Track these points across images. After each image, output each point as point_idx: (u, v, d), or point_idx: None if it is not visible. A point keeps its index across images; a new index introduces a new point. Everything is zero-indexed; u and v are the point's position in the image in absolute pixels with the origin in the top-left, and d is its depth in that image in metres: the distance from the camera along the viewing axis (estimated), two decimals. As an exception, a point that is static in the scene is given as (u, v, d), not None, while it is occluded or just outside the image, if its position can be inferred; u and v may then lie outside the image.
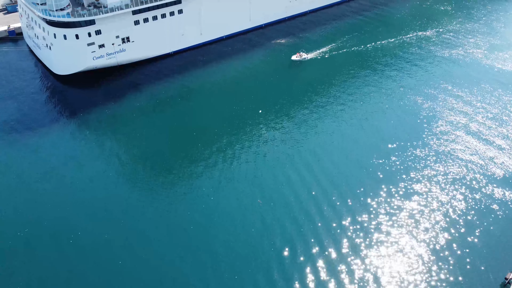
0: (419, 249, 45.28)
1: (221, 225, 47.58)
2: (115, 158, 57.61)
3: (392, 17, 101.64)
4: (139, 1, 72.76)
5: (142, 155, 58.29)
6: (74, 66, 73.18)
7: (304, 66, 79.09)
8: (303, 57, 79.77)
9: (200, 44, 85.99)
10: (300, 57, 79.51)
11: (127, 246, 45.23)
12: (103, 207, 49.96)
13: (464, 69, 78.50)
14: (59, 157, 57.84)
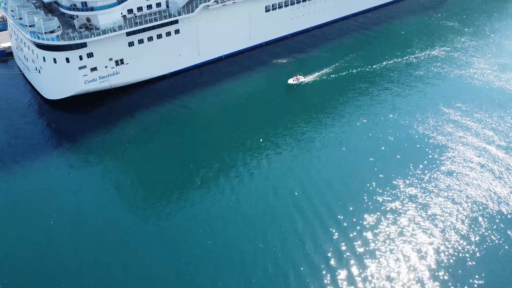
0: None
1: (216, 252, 46.06)
2: (108, 186, 55.01)
3: (397, 33, 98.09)
4: (134, 22, 69.13)
5: (136, 182, 55.70)
6: (65, 91, 69.46)
7: (301, 90, 74.80)
8: (300, 80, 75.58)
9: (198, 65, 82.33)
10: (297, 81, 75.34)
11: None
12: (95, 235, 48.13)
13: (474, 90, 74.75)
14: (48, 184, 55.23)
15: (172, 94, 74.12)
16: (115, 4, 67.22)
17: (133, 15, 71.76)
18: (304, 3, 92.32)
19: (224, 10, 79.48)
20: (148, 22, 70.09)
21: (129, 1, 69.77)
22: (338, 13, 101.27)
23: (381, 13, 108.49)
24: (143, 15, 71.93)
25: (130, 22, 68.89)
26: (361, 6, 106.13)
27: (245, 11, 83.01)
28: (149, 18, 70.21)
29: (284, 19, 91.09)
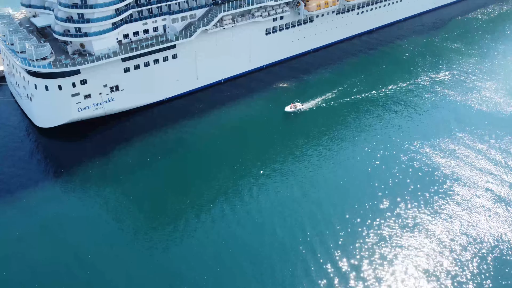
0: None
1: None
2: (103, 218, 52.45)
3: (401, 55, 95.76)
4: (129, 48, 66.59)
5: (132, 213, 52.88)
6: (57, 119, 66.56)
7: (299, 118, 71.30)
8: (298, 108, 72.10)
9: (196, 89, 79.67)
10: (294, 108, 71.85)
11: None
12: (90, 271, 45.25)
13: (482, 115, 71.90)
14: (41, 218, 52.28)
15: (169, 121, 71.20)
16: (110, 30, 64.78)
17: (129, 40, 69.37)
18: (305, 25, 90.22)
19: (224, 34, 77.18)
20: (145, 47, 67.54)
21: (124, 26, 67.46)
22: (340, 34, 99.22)
23: (384, 33, 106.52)
24: (139, 40, 69.50)
25: (126, 48, 66.30)
26: (364, 27, 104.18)
27: (245, 34, 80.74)
28: (146, 44, 67.69)
29: (285, 41, 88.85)
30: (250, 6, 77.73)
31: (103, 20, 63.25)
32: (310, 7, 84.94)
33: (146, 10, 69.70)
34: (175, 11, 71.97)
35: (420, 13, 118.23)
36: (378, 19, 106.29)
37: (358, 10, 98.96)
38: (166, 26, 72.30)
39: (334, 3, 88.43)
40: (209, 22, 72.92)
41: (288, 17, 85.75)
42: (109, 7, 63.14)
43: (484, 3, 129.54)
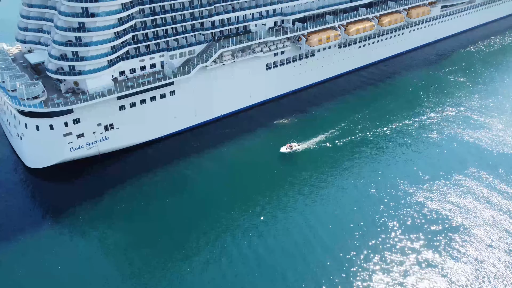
0: None
1: None
2: (94, 265, 49.59)
3: (404, 89, 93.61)
4: (125, 86, 64.27)
5: (123, 262, 49.88)
6: (48, 159, 63.64)
7: (295, 160, 67.82)
8: (294, 148, 68.59)
9: (194, 126, 77.04)
10: (290, 149, 68.34)
11: None
12: None
13: (490, 155, 68.87)
14: (28, 262, 49.62)
15: (165, 160, 68.24)
16: (105, 68, 62.67)
17: (125, 77, 67.18)
18: (306, 59, 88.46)
19: (223, 70, 75.11)
20: (141, 85, 65.23)
21: (121, 63, 65.42)
22: (342, 68, 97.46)
23: (387, 66, 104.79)
24: (135, 77, 67.28)
25: (121, 86, 63.96)
26: (366, 60, 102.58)
27: (245, 70, 78.72)
28: (142, 81, 65.43)
29: (286, 76, 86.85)
30: (250, 41, 76.03)
31: (98, 58, 61.26)
32: (311, 42, 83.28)
33: (144, 46, 67.87)
34: (174, 47, 70.14)
35: (422, 45, 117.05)
36: (380, 52, 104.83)
37: (360, 44, 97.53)
38: (164, 62, 70.29)
39: (335, 38, 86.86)
40: (208, 58, 70.94)
41: (289, 52, 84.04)
42: (105, 45, 61.29)
43: (486, 35, 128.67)
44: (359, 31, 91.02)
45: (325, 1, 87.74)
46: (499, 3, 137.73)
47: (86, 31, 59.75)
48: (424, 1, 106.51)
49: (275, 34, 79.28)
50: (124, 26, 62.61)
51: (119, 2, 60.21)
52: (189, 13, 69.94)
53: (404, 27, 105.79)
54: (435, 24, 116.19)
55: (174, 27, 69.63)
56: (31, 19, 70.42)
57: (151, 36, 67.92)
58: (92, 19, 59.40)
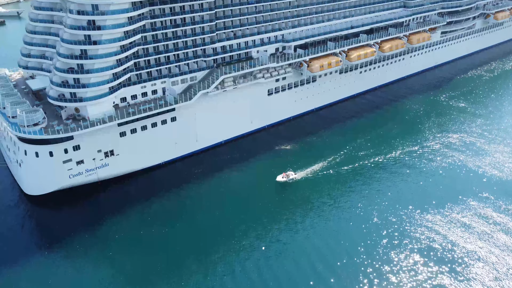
0: None
1: None
2: None
3: (406, 114, 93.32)
4: (126, 112, 63.97)
5: None
6: (47, 186, 62.83)
7: (294, 189, 66.31)
8: (290, 177, 67.14)
9: (195, 152, 76.42)
10: (287, 178, 66.97)
11: None
12: None
13: (494, 184, 67.75)
14: None
15: (166, 187, 67.33)
16: (107, 94, 62.53)
17: (126, 104, 67.00)
18: (308, 85, 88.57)
19: (225, 96, 75.02)
20: (142, 111, 64.95)
21: (122, 90, 65.37)
22: (343, 93, 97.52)
23: (388, 91, 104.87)
24: (137, 104, 67.10)
25: (122, 112, 63.66)
26: (367, 86, 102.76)
27: (247, 96, 78.65)
28: (144, 107, 65.20)
29: (288, 101, 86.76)
30: (252, 68, 76.21)
31: (99, 85, 61.19)
32: (313, 68, 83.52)
33: (146, 73, 68.01)
34: (175, 73, 70.26)
35: (423, 70, 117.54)
36: (381, 78, 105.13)
37: (361, 69, 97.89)
38: (165, 88, 70.26)
39: (337, 64, 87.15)
40: (209, 84, 70.94)
41: (290, 78, 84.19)
42: (107, 72, 61.31)
43: (486, 60, 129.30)
44: (360, 57, 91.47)
45: (326, 28, 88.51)
46: (498, 28, 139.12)
47: (88, 59, 59.88)
48: (424, 27, 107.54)
49: (276, 61, 79.55)
50: (126, 53, 62.82)
51: (122, 30, 60.55)
52: (191, 40, 70.40)
53: (404, 53, 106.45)
54: (435, 49, 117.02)
55: (176, 54, 69.94)
56: (34, 46, 70.91)
57: (153, 62, 68.14)
58: (94, 46, 59.63)
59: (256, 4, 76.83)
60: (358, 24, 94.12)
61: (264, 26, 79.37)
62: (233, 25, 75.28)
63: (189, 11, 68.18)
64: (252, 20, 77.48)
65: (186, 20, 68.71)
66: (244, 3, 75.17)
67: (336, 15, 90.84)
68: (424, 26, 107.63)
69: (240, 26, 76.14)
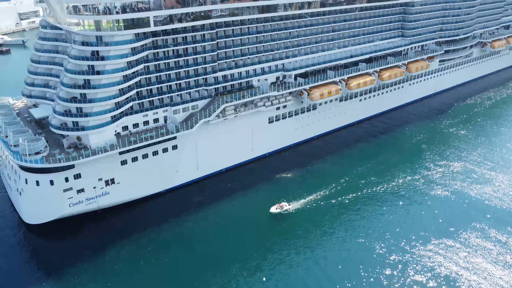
0: None
1: None
2: None
3: (406, 142, 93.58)
4: (128, 141, 64.24)
5: None
6: (46, 215, 62.47)
7: (293, 219, 65.26)
8: (284, 208, 66.09)
9: (196, 180, 76.29)
10: (280, 209, 65.86)
11: None
12: None
13: (496, 212, 67.33)
14: None
15: (165, 216, 66.88)
16: (109, 123, 62.99)
17: (128, 132, 67.37)
18: (308, 113, 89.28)
19: (226, 124, 75.54)
20: (144, 140, 65.24)
21: (124, 118, 65.91)
22: (344, 120, 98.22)
23: (388, 119, 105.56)
24: (138, 132, 67.48)
25: (124, 141, 63.93)
26: (368, 113, 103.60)
27: (248, 124, 79.19)
28: (145, 136, 65.51)
29: (288, 129, 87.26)
30: (253, 96, 77.03)
31: (102, 114, 61.74)
32: (313, 96, 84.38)
33: (148, 102, 68.70)
34: (177, 102, 70.98)
35: (422, 98, 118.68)
36: (381, 105, 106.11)
37: (361, 97, 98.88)
38: (167, 117, 70.81)
39: (337, 92, 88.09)
40: (211, 113, 71.52)
41: (291, 106, 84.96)
42: (109, 101, 61.96)
43: (484, 88, 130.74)
44: (359, 85, 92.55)
45: (326, 57, 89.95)
46: (495, 57, 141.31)
47: (91, 88, 60.69)
48: (422, 56, 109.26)
49: (277, 89, 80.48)
50: (129, 83, 63.65)
51: (125, 60, 61.59)
52: (193, 69, 71.44)
53: (403, 81, 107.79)
54: (434, 77, 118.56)
55: (178, 83, 70.84)
56: (38, 75, 71.99)
57: (156, 91, 68.95)
58: (97, 76, 60.55)
59: (257, 35, 78.31)
60: (357, 53, 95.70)
61: (265, 55, 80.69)
62: (234, 54, 76.53)
63: (191, 41, 69.51)
64: (253, 50, 78.84)
65: (188, 50, 69.99)
66: (245, 34, 76.65)
67: (335, 45, 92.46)
68: (422, 55, 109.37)
69: (241, 56, 77.39)
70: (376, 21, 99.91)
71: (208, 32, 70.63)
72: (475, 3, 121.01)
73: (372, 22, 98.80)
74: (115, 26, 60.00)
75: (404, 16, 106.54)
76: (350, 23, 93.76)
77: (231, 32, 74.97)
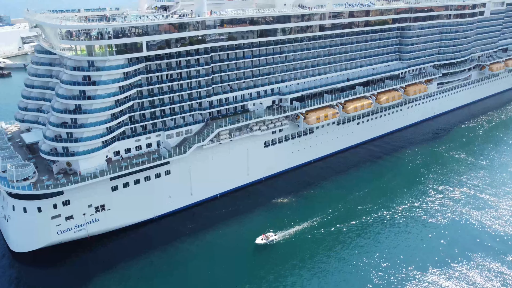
0: None
1: None
2: None
3: (405, 166, 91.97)
4: (119, 166, 62.98)
5: None
6: (34, 243, 60.74)
7: (272, 253, 62.32)
8: (270, 239, 63.67)
9: (190, 205, 74.61)
10: (266, 240, 63.45)
11: None
12: None
13: (498, 240, 65.24)
14: None
15: (156, 243, 64.99)
16: (100, 148, 61.91)
17: (120, 157, 66.18)
18: (305, 137, 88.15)
19: (220, 149, 74.33)
20: (135, 165, 63.98)
21: (116, 143, 64.83)
22: (341, 144, 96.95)
23: (387, 142, 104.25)
24: (130, 157, 66.26)
25: (115, 166, 62.64)
26: (366, 136, 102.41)
27: (243, 148, 77.99)
28: (136, 161, 64.27)
29: (285, 153, 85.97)
30: (248, 121, 76.08)
31: (92, 139, 60.75)
32: (309, 120, 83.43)
33: (140, 126, 67.74)
34: (171, 127, 70.05)
35: (421, 121, 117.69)
36: (379, 128, 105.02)
37: (359, 120, 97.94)
38: (160, 141, 69.76)
39: (334, 116, 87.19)
40: (204, 138, 70.46)
41: (287, 130, 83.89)
42: (101, 126, 61.07)
43: (484, 110, 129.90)
44: (357, 109, 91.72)
45: (323, 81, 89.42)
46: (494, 79, 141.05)
47: (82, 113, 59.87)
48: (420, 79, 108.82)
49: (273, 113, 79.59)
50: (121, 108, 62.91)
51: (117, 85, 61.01)
52: (187, 93, 70.80)
53: (402, 104, 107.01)
54: (432, 100, 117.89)
55: (172, 107, 70.07)
56: (32, 99, 71.32)
57: (149, 116, 68.09)
58: (88, 101, 59.82)
59: (253, 59, 77.99)
60: (354, 76, 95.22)
61: (261, 79, 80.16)
62: (229, 78, 76.03)
63: (185, 66, 69.09)
64: (249, 74, 78.38)
65: (183, 74, 69.50)
66: (241, 58, 76.34)
67: (332, 68, 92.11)
68: (420, 78, 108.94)
69: (236, 80, 76.89)
70: (373, 45, 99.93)
71: (202, 57, 70.27)
72: (472, 26, 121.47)
73: (369, 45, 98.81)
74: (107, 51, 59.63)
75: (401, 40, 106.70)
76: (347, 47, 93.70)
77: (226, 57, 74.64)
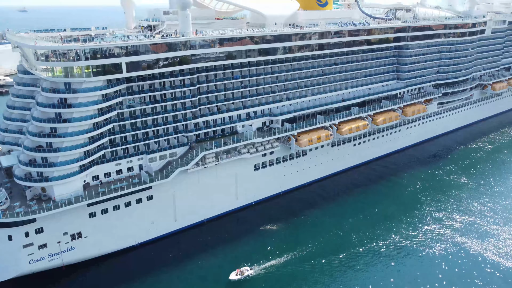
0: None
1: None
2: None
3: (403, 191, 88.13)
4: (96, 192, 59.99)
5: None
6: (3, 274, 57.35)
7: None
8: (245, 274, 59.35)
9: (174, 232, 71.23)
10: (241, 275, 59.11)
11: None
12: None
13: (500, 271, 61.05)
14: None
15: (137, 273, 61.47)
16: (76, 173, 59.08)
17: (99, 182, 63.29)
18: (297, 159, 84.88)
19: (207, 172, 71.19)
20: (114, 191, 60.99)
21: (94, 167, 62.01)
22: (336, 166, 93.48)
23: (383, 164, 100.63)
24: (110, 182, 63.34)
25: (91, 192, 59.61)
26: (361, 159, 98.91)
27: (231, 172, 74.81)
28: (115, 187, 61.27)
29: (276, 176, 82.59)
30: (235, 143, 73.12)
31: (68, 164, 57.97)
32: (301, 142, 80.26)
33: (121, 150, 65.00)
34: (154, 150, 67.24)
35: (420, 142, 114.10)
36: (376, 150, 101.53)
37: (354, 142, 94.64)
38: (142, 165, 66.90)
39: (327, 138, 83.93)
40: (189, 161, 67.45)
41: (278, 152, 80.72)
42: (77, 150, 58.39)
43: (485, 131, 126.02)
44: (352, 130, 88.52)
45: (316, 101, 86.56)
46: (497, 99, 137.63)
47: (57, 137, 57.30)
48: (419, 99, 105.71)
49: (262, 135, 76.60)
50: (99, 131, 60.30)
51: (95, 107, 58.46)
52: (171, 115, 68.18)
53: (400, 125, 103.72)
54: (432, 120, 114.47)
55: (156, 130, 67.39)
56: (12, 121, 69.07)
57: (130, 139, 65.39)
58: (64, 124, 57.28)
59: (242, 79, 75.48)
60: (350, 97, 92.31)
61: (250, 100, 77.48)
62: (217, 99, 73.42)
63: (169, 87, 66.66)
64: (238, 95, 75.74)
65: (167, 95, 67.01)
66: (229, 78, 73.85)
67: (326, 88, 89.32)
68: (418, 98, 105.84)
69: (225, 101, 74.25)
70: (370, 64, 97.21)
71: (188, 77, 67.87)
72: (473, 45, 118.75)
73: (365, 65, 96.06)
74: (84, 73, 57.31)
75: (399, 59, 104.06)
76: (342, 66, 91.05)
77: (213, 77, 72.13)
